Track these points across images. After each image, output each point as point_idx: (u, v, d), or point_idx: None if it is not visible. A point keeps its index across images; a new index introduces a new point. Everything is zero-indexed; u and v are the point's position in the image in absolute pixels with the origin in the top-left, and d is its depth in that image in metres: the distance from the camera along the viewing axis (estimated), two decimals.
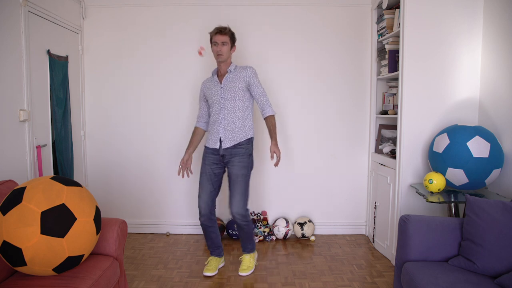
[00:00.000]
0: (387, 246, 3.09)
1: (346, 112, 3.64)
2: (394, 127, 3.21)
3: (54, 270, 1.78)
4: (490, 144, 2.37)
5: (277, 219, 3.61)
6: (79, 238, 1.80)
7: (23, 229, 1.67)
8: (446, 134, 2.52)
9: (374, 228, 3.40)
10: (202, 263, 3.00)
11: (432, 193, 2.51)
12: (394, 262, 2.90)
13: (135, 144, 3.68)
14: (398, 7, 2.94)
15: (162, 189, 3.70)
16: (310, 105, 3.63)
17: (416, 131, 2.80)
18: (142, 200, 3.72)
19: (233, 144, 2.72)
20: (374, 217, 3.39)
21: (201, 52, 2.81)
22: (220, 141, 2.74)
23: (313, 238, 3.56)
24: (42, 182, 1.83)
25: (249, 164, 2.76)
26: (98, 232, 1.94)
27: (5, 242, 1.68)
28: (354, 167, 3.67)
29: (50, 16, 2.99)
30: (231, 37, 2.74)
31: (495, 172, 2.41)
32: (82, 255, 1.86)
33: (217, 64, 2.80)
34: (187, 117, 3.60)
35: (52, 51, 3.00)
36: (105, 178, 3.70)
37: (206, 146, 2.82)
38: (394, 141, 3.19)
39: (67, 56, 3.28)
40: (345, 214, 3.71)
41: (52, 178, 1.89)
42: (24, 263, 1.71)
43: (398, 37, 2.99)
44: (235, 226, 3.26)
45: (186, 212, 3.70)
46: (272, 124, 2.74)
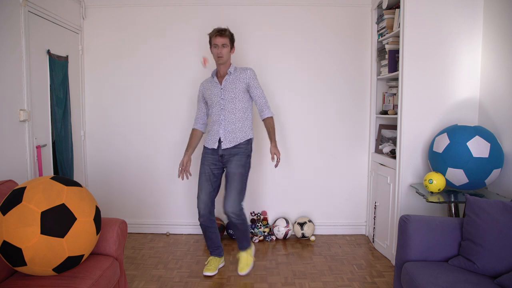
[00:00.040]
0: (387, 246, 3.09)
1: (346, 112, 3.64)
2: (394, 127, 3.21)
3: (54, 270, 1.78)
4: (490, 144, 2.37)
5: (277, 219, 3.61)
6: (79, 238, 1.80)
7: (23, 229, 1.67)
8: (446, 134, 2.52)
9: (374, 228, 3.40)
10: (202, 263, 3.00)
11: (432, 193, 2.51)
12: (394, 262, 2.90)
13: (135, 144, 3.68)
14: (398, 7, 2.94)
15: (162, 189, 3.70)
16: (310, 105, 3.63)
17: (416, 131, 2.80)
18: (142, 200, 3.72)
19: (233, 145, 2.72)
20: (374, 217, 3.39)
21: (205, 63, 2.81)
22: (219, 141, 2.74)
23: (313, 238, 3.56)
24: (42, 182, 1.83)
25: (246, 164, 2.75)
26: (98, 232, 1.94)
27: (5, 242, 1.69)
28: (354, 167, 3.67)
29: (50, 16, 2.99)
30: (231, 38, 2.74)
31: (495, 172, 2.41)
32: (82, 255, 1.86)
33: (216, 65, 2.80)
34: (187, 117, 3.60)
35: (52, 51, 3.00)
36: (105, 178, 3.70)
37: (205, 146, 2.82)
38: (394, 141, 3.19)
39: (67, 56, 3.28)
40: (345, 214, 3.71)
41: (52, 178, 1.89)
42: (24, 263, 1.71)
43: (398, 37, 2.99)
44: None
45: (186, 212, 3.70)
46: (271, 125, 2.75)
